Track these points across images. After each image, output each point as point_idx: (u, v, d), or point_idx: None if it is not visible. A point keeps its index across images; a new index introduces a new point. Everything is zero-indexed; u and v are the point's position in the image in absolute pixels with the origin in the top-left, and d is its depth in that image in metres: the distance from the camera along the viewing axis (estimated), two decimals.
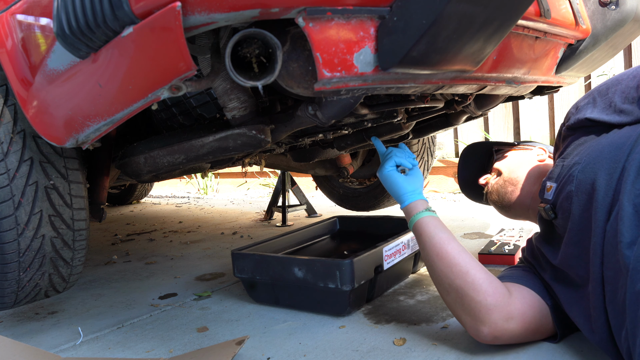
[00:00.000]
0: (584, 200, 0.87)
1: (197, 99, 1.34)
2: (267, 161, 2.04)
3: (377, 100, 1.30)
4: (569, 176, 0.91)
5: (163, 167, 1.19)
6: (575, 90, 3.34)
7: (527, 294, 0.96)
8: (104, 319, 1.36)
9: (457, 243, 1.00)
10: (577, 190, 0.88)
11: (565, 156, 1.00)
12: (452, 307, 0.98)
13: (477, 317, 0.92)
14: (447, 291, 0.97)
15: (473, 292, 0.92)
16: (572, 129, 1.04)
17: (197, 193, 4.96)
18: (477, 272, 0.94)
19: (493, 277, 0.95)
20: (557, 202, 0.94)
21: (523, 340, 0.96)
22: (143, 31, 0.74)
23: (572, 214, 0.89)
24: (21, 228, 1.13)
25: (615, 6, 1.20)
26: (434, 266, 1.00)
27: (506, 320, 0.91)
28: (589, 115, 0.98)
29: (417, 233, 1.05)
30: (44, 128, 1.01)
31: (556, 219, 0.95)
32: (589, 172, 0.87)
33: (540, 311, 0.95)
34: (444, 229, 1.02)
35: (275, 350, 1.06)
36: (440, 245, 0.99)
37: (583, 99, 1.04)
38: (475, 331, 0.94)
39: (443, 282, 0.98)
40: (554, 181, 0.97)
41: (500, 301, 0.91)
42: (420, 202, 1.08)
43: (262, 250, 1.46)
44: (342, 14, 0.76)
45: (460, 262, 0.96)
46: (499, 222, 2.28)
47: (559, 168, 0.98)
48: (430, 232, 1.02)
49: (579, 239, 0.88)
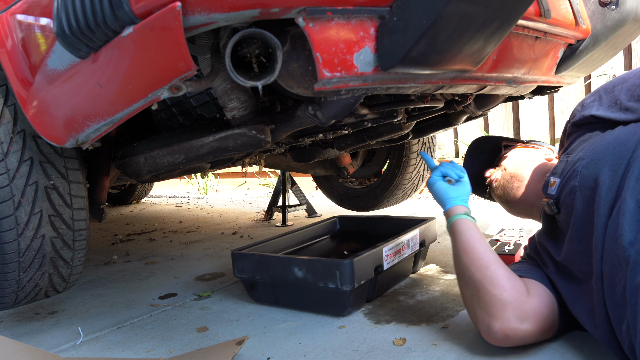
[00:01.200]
0: (588, 196, 0.87)
1: (197, 99, 1.34)
2: (267, 161, 2.04)
3: (377, 100, 1.30)
4: (573, 171, 0.92)
5: (163, 167, 1.19)
6: (575, 90, 3.34)
7: (542, 291, 0.95)
8: (104, 319, 1.36)
9: (486, 243, 1.00)
10: (581, 185, 0.89)
11: (569, 152, 1.00)
12: (469, 302, 0.98)
13: (491, 311, 0.91)
14: (467, 284, 0.98)
15: (490, 286, 0.92)
16: (577, 126, 1.04)
17: (197, 193, 4.96)
18: (497, 268, 0.94)
19: (514, 275, 0.94)
20: (561, 197, 0.94)
21: (534, 342, 0.94)
22: (143, 31, 0.74)
23: (576, 209, 0.89)
24: (21, 228, 1.13)
25: (615, 6, 1.20)
26: (459, 260, 1.01)
27: (520, 319, 0.90)
28: (595, 113, 0.99)
29: (451, 232, 1.06)
30: (44, 128, 1.01)
31: (559, 214, 0.95)
32: (593, 167, 0.87)
33: (553, 309, 0.94)
34: (477, 230, 1.03)
35: (275, 350, 1.06)
36: (469, 242, 1.00)
37: (589, 97, 1.04)
38: (486, 328, 0.92)
39: (465, 275, 0.99)
40: (557, 176, 0.98)
41: (516, 298, 0.90)
42: (460, 206, 1.09)
43: (262, 250, 1.46)
44: (342, 14, 0.76)
45: (483, 257, 0.97)
46: (499, 222, 2.28)
47: (562, 163, 0.98)
48: (462, 230, 1.03)
49: (582, 234, 0.88)
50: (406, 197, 2.47)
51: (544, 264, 1.01)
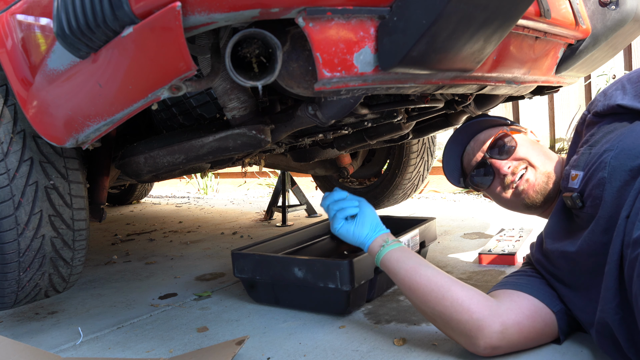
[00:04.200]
0: (617, 187, 0.85)
1: (197, 99, 1.34)
2: (267, 161, 2.04)
3: (377, 100, 1.30)
4: (600, 163, 0.89)
5: (163, 167, 1.19)
6: (575, 90, 3.34)
7: (525, 301, 0.93)
8: (104, 319, 1.36)
9: (425, 267, 0.97)
10: (610, 177, 0.86)
11: (592, 144, 0.96)
12: (445, 332, 0.96)
13: (469, 335, 0.90)
14: (433, 319, 0.96)
15: (456, 314, 0.90)
16: (601, 116, 1.00)
17: (197, 193, 4.96)
18: (453, 293, 0.92)
19: (473, 292, 0.92)
20: (586, 190, 0.91)
21: (524, 348, 0.94)
22: (143, 31, 0.74)
23: (604, 201, 0.87)
24: (21, 228, 1.13)
25: (615, 6, 1.20)
26: (411, 300, 0.99)
27: (500, 330, 0.89)
28: (621, 102, 0.95)
29: (385, 271, 1.03)
30: (44, 128, 1.01)
31: (583, 207, 0.91)
32: (624, 158, 0.85)
33: (542, 319, 0.93)
34: (407, 259, 1.00)
35: (275, 350, 1.06)
36: (409, 278, 0.97)
37: (611, 86, 1.01)
38: (473, 348, 0.91)
39: (425, 312, 0.97)
40: (580, 169, 0.94)
41: (487, 313, 0.89)
42: (377, 239, 1.05)
43: (262, 250, 1.46)
44: (342, 14, 0.76)
45: (432, 288, 0.94)
46: (499, 222, 2.28)
47: (585, 156, 0.95)
48: (393, 268, 1.00)
49: (608, 226, 0.85)
50: (406, 197, 2.47)
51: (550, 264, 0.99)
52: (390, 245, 1.03)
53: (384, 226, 1.08)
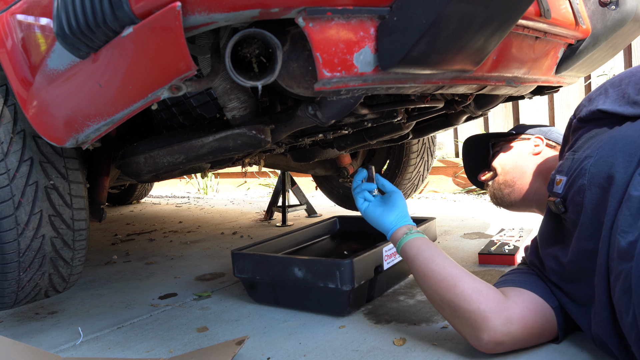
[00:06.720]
0: (597, 194, 0.86)
1: (197, 99, 1.34)
2: (267, 161, 2.04)
3: (377, 100, 1.30)
4: (581, 169, 0.90)
5: (163, 167, 1.19)
6: (575, 90, 3.34)
7: (527, 297, 0.94)
8: (104, 319, 1.36)
9: (442, 258, 0.99)
10: (590, 183, 0.87)
11: (575, 149, 0.97)
12: (451, 322, 0.97)
13: (474, 326, 0.91)
14: (442, 307, 0.97)
15: (464, 303, 0.91)
16: (584, 121, 1.01)
17: (197, 193, 4.96)
18: (464, 283, 0.93)
19: (484, 285, 0.93)
20: (568, 196, 0.92)
21: (527, 345, 0.94)
22: (143, 31, 0.74)
23: (585, 208, 0.87)
24: (21, 228, 1.13)
25: (615, 6, 1.20)
26: (423, 287, 1.00)
27: (505, 324, 0.89)
28: (601, 107, 0.95)
29: (404, 258, 1.06)
30: (44, 128, 1.01)
31: (566, 212, 0.93)
32: (602, 165, 0.86)
33: (543, 315, 0.94)
34: (426, 247, 1.01)
35: (275, 350, 1.06)
36: (425, 265, 0.99)
37: (595, 91, 1.01)
38: (476, 341, 0.92)
39: (435, 299, 0.98)
40: (564, 174, 0.95)
41: (494, 306, 0.90)
42: (402, 227, 1.08)
43: (262, 250, 1.46)
44: (342, 14, 0.76)
45: (445, 276, 0.95)
46: (499, 222, 2.28)
47: (569, 161, 0.96)
48: (412, 255, 1.02)
49: (591, 233, 0.86)
50: (406, 197, 2.47)
51: (544, 269, 1.00)
52: (413, 233, 1.06)
53: (410, 219, 1.12)
